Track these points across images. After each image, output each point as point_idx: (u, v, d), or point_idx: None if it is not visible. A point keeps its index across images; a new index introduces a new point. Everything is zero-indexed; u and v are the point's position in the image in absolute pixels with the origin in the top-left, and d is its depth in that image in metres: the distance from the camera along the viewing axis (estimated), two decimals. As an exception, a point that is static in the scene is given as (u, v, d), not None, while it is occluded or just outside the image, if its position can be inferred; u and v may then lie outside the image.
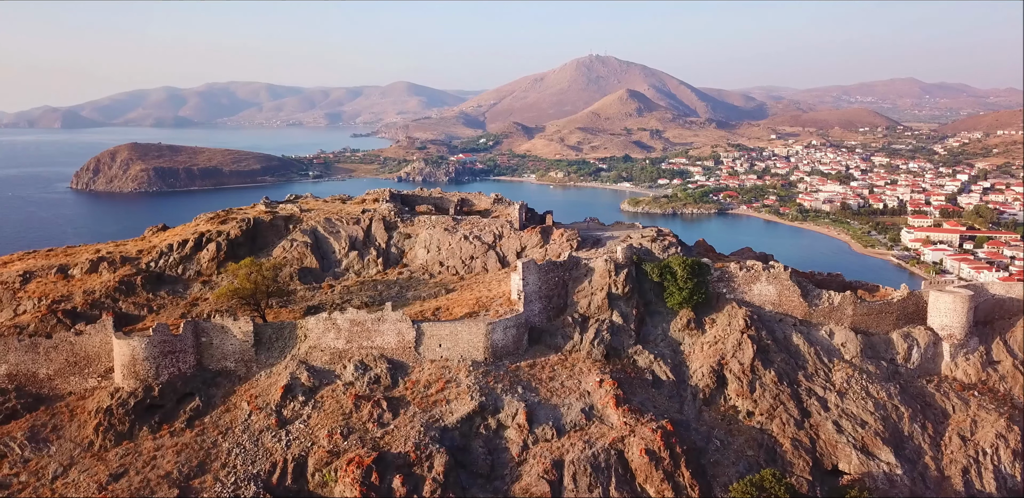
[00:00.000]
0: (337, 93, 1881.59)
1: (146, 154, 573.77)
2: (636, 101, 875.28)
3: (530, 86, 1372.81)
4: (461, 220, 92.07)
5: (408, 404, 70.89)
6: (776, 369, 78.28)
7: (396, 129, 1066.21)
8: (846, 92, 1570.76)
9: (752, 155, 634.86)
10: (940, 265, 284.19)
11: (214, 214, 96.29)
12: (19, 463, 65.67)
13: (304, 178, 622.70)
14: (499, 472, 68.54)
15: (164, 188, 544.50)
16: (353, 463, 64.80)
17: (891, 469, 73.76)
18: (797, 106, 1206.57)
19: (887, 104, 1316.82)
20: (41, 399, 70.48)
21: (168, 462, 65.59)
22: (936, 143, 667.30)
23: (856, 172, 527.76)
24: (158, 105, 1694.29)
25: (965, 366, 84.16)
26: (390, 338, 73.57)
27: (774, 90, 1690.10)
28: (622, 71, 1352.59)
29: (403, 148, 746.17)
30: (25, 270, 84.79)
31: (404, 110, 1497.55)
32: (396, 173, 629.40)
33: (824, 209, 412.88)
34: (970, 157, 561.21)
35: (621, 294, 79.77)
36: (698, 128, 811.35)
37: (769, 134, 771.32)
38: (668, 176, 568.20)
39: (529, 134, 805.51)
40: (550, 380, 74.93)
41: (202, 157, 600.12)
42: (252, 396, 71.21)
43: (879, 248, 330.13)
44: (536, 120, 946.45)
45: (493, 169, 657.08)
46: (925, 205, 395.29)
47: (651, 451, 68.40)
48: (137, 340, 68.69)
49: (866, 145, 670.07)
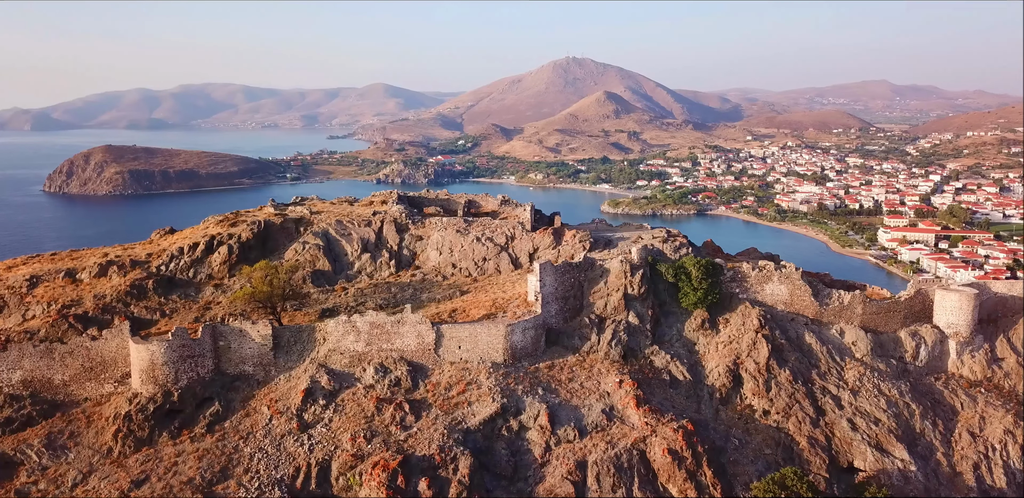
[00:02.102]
0: (314, 95, 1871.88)
1: (121, 156, 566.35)
2: (613, 103, 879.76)
3: (507, 88, 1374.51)
4: (472, 222, 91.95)
5: (430, 406, 70.64)
6: (791, 368, 79.10)
7: (373, 131, 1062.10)
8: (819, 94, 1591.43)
9: (729, 156, 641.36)
10: (917, 264, 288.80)
11: (223, 217, 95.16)
12: (37, 471, 64.46)
13: (282, 180, 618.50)
14: (522, 474, 68.49)
15: (140, 191, 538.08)
16: (379, 466, 64.41)
17: (905, 466, 74.76)
18: (772, 108, 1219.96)
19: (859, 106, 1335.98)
20: (56, 405, 69.19)
21: (190, 468, 64.75)
22: (908, 144, 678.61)
23: (831, 173, 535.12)
24: (132, 107, 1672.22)
25: (971, 363, 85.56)
26: (410, 340, 73.28)
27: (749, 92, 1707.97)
28: (599, 73, 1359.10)
29: (381, 150, 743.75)
30: (32, 274, 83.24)
31: (381, 112, 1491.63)
32: (375, 175, 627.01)
33: (802, 210, 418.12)
34: (941, 158, 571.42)
35: (637, 295, 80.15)
36: (675, 130, 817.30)
37: (745, 135, 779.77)
38: (647, 177, 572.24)
39: (508, 136, 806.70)
40: (569, 381, 75.09)
41: (178, 159, 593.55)
42: (272, 400, 70.55)
43: (857, 248, 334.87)
44: (514, 122, 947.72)
45: (472, 171, 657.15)
46: (900, 205, 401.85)
47: (673, 451, 68.77)
48: (156, 344, 67.77)
49: (840, 146, 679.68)
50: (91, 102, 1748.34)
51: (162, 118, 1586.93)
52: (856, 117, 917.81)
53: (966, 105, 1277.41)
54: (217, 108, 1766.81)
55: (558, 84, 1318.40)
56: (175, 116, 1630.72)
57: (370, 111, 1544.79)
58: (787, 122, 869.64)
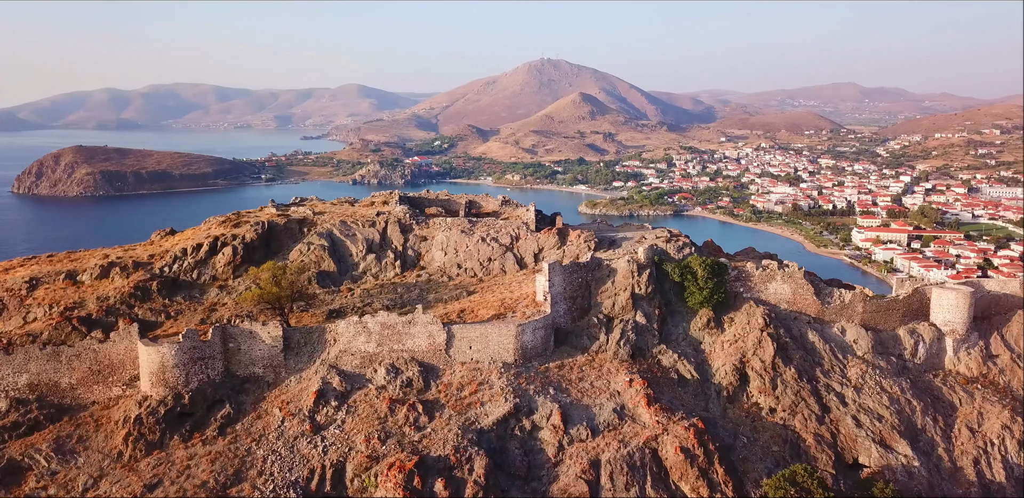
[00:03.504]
0: (286, 95, 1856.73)
1: (92, 157, 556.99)
2: (589, 104, 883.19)
3: (483, 89, 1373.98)
4: (476, 222, 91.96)
5: (443, 407, 70.54)
6: (795, 366, 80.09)
7: (347, 131, 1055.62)
8: (790, 96, 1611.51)
9: (704, 157, 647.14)
10: (891, 264, 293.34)
11: (224, 217, 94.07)
12: (46, 476, 63.33)
13: (257, 182, 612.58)
14: (536, 473, 68.63)
15: (112, 192, 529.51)
16: (395, 468, 64.18)
17: (909, 461, 76.06)
18: (744, 109, 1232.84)
19: (829, 108, 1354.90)
20: (63, 409, 68.02)
21: (203, 471, 64.02)
22: (878, 146, 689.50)
23: (804, 174, 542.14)
24: (100, 107, 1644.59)
25: (967, 360, 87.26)
26: (421, 341, 73.12)
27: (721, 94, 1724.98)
28: (574, 75, 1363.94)
29: (356, 151, 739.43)
30: (31, 276, 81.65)
31: (355, 112, 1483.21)
32: (351, 176, 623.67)
33: (777, 210, 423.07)
34: (911, 159, 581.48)
35: (644, 294, 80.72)
36: (650, 131, 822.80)
37: (719, 137, 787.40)
38: (623, 178, 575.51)
39: (484, 137, 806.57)
40: (579, 381, 75.39)
41: (151, 160, 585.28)
42: (284, 402, 69.99)
43: (832, 248, 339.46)
44: (490, 123, 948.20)
45: (449, 172, 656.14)
46: (872, 206, 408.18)
47: (686, 449, 69.31)
48: (167, 346, 66.92)
49: (812, 147, 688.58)
50: (58, 102, 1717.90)
51: (131, 118, 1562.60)
52: (827, 119, 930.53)
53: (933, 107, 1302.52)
54: (188, 108, 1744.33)
55: (533, 85, 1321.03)
56: (145, 116, 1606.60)
57: (344, 112, 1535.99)
58: (760, 123, 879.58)
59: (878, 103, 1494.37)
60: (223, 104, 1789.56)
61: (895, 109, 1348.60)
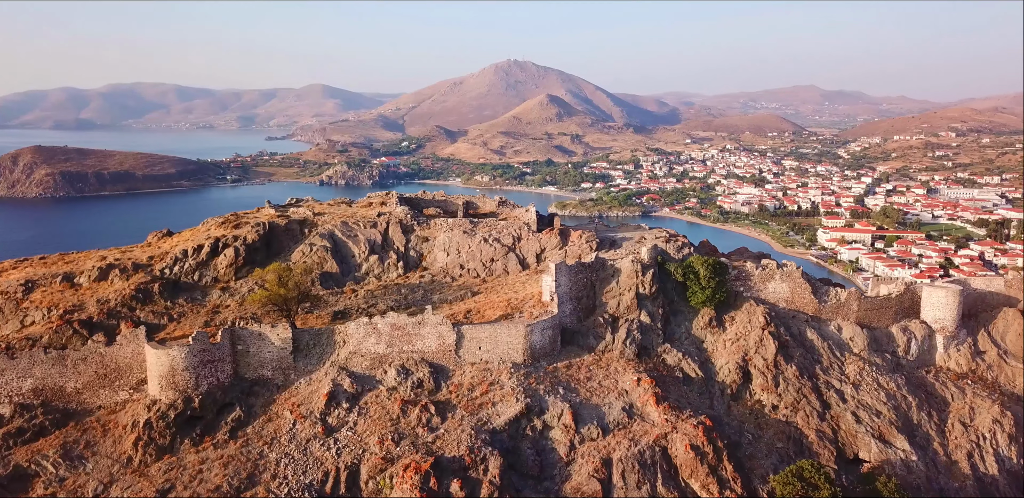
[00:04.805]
0: (250, 95, 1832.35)
1: (52, 157, 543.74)
2: (556, 106, 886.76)
3: (449, 90, 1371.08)
4: (478, 222, 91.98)
5: (455, 408, 70.47)
6: (796, 364, 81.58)
7: (312, 132, 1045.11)
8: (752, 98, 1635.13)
9: (670, 159, 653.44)
10: (856, 263, 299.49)
11: (223, 218, 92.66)
12: (54, 482, 62.01)
13: (222, 182, 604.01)
14: (548, 472, 68.91)
15: (73, 193, 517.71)
16: (411, 469, 63.94)
17: (907, 456, 77.94)
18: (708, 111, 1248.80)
19: (791, 110, 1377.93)
20: (69, 414, 66.57)
21: (216, 475, 63.18)
22: (839, 147, 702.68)
23: (769, 175, 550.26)
24: (57, 106, 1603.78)
25: (957, 356, 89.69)
26: (431, 341, 73.01)
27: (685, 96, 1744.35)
28: (540, 76, 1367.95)
29: (323, 151, 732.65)
30: (26, 279, 79.67)
31: (320, 113, 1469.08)
32: (318, 177, 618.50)
33: (743, 211, 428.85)
34: (871, 161, 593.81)
35: (648, 294, 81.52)
36: (616, 133, 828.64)
37: (684, 138, 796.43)
38: (591, 180, 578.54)
39: (452, 138, 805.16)
40: (588, 380, 75.87)
41: (113, 161, 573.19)
42: (294, 404, 69.35)
43: (799, 248, 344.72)
44: (457, 124, 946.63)
45: (418, 172, 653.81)
46: (836, 207, 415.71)
47: (696, 446, 70.17)
48: (177, 349, 65.89)
49: (775, 149, 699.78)
50: (13, 101, 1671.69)
51: (90, 118, 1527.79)
52: (789, 121, 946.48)
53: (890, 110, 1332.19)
54: (148, 108, 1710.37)
55: (500, 86, 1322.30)
56: (104, 116, 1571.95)
57: (308, 112, 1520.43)
58: (724, 125, 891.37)
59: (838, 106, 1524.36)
60: (185, 104, 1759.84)
61: (854, 112, 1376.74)
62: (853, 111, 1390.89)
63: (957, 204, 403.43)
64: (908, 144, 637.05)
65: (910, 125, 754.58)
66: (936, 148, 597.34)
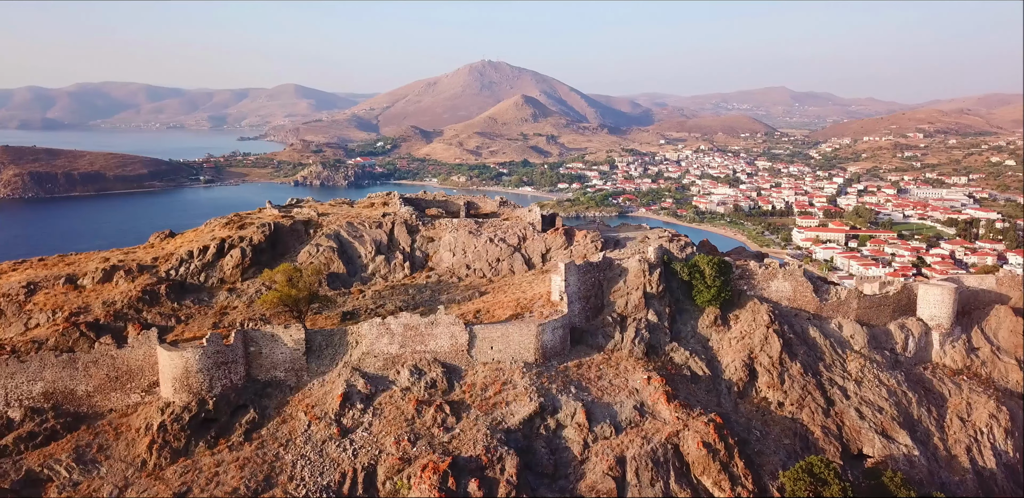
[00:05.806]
0: (221, 95, 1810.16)
1: (20, 158, 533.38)
2: (531, 107, 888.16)
3: (424, 90, 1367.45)
4: (483, 223, 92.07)
5: (469, 407, 70.57)
6: (800, 361, 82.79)
7: (285, 132, 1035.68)
8: (724, 99, 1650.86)
9: (645, 159, 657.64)
10: (831, 262, 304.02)
11: (227, 218, 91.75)
12: (68, 487, 61.13)
13: (195, 183, 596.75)
14: (563, 471, 69.27)
15: (42, 194, 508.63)
16: (429, 469, 63.96)
17: (909, 451, 79.43)
18: (681, 112, 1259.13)
19: (762, 111, 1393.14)
20: (80, 418, 65.64)
21: (232, 478, 62.71)
22: (810, 148, 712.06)
23: (743, 175, 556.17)
24: (23, 106, 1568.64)
25: (952, 353, 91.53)
26: (443, 342, 73.02)
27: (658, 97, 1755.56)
28: (514, 77, 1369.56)
29: (297, 151, 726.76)
30: (28, 281, 78.24)
31: (293, 113, 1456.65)
32: (293, 177, 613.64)
33: (719, 211, 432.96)
34: (842, 161, 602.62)
35: (656, 293, 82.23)
36: (591, 134, 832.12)
37: (658, 139, 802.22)
38: (567, 180, 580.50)
39: (427, 138, 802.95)
40: (598, 379, 76.35)
41: (83, 161, 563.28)
42: (308, 406, 69.00)
43: (774, 247, 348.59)
44: (432, 124, 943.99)
45: (394, 173, 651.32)
46: (809, 206, 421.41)
47: (708, 443, 70.96)
48: (191, 352, 65.22)
49: (748, 150, 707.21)
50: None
51: (57, 118, 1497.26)
52: (761, 122, 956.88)
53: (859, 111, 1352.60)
54: (117, 108, 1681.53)
55: (474, 87, 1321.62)
56: (72, 116, 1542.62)
57: (281, 112, 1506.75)
58: (697, 126, 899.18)
59: (808, 107, 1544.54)
60: (155, 104, 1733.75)
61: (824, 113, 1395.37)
62: (823, 112, 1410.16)
63: (927, 204, 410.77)
64: (877, 145, 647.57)
65: (879, 126, 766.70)
66: (905, 149, 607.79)
